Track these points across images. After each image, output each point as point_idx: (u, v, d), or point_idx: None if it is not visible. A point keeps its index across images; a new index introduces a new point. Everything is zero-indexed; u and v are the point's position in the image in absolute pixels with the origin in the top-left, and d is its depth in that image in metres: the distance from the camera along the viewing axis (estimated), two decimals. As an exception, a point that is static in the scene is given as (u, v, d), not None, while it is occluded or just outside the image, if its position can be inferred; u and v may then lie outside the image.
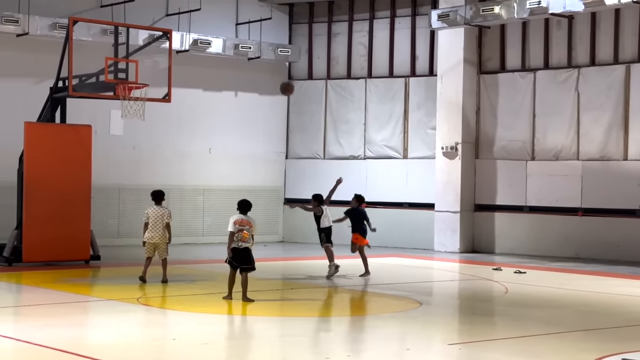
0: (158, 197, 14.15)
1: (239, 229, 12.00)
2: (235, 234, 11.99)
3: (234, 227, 12.00)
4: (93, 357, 8.59)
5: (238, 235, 11.99)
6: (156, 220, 13.90)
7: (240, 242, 12.01)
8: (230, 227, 12.02)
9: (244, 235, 12.00)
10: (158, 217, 13.92)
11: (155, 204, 14.09)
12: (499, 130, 21.24)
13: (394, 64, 22.88)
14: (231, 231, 12.01)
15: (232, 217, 12.11)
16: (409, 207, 22.22)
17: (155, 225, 13.89)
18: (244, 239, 12.01)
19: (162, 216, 13.93)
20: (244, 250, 12.07)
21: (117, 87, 16.36)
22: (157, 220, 13.90)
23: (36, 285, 13.96)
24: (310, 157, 23.71)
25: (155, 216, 13.92)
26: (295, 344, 9.64)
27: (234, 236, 12.00)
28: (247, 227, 12.04)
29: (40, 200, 16.27)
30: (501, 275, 16.20)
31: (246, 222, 12.07)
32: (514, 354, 9.20)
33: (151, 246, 13.95)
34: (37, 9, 19.35)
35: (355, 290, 14.04)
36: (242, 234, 12.00)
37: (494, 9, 19.51)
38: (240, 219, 12.08)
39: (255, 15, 22.92)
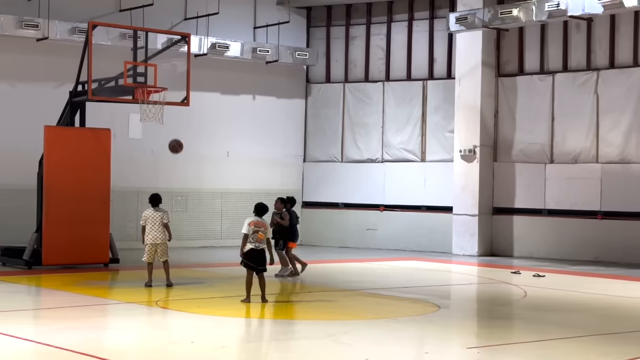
0: (155, 201, 14.17)
1: (255, 230, 12.08)
2: (249, 235, 12.07)
3: (248, 228, 12.09)
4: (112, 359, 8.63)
5: (254, 237, 12.07)
6: (154, 221, 13.96)
7: (256, 243, 12.09)
8: (245, 230, 12.11)
9: (259, 237, 12.08)
10: (156, 219, 13.96)
11: (152, 207, 14.10)
12: (518, 133, 21.16)
13: (411, 67, 22.86)
14: (245, 233, 12.10)
15: (246, 219, 12.21)
16: (427, 210, 22.18)
17: (154, 227, 13.94)
18: (259, 240, 12.09)
19: (160, 217, 13.97)
20: (261, 251, 12.17)
21: (136, 91, 16.43)
22: (154, 222, 13.95)
23: (56, 288, 14.04)
24: (328, 160, 23.72)
25: (153, 218, 13.98)
26: (313, 347, 9.64)
27: (248, 238, 12.08)
28: (262, 228, 12.14)
29: (60, 204, 16.37)
30: (520, 279, 16.14)
31: (261, 224, 12.19)
32: (533, 358, 9.16)
33: (152, 248, 13.95)
34: (57, 14, 19.47)
35: (373, 293, 14.02)
36: (257, 235, 12.08)
37: (512, 11, 19.45)
38: (255, 220, 12.19)
39: (273, 18, 22.97)
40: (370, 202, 22.93)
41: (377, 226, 22.78)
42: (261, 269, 12.24)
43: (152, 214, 14.02)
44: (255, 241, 12.10)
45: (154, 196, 14.27)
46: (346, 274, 16.92)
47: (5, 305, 11.92)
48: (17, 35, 19.08)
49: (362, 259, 19.70)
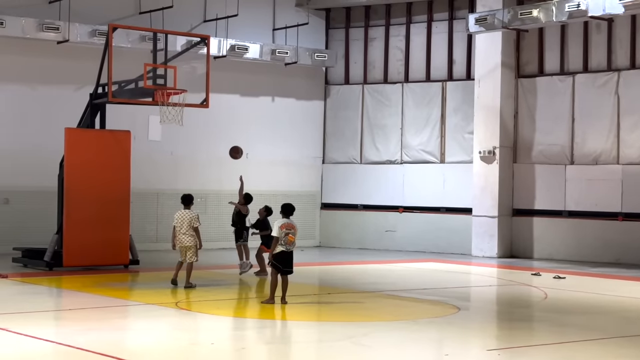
0: (186, 201, 14.24)
1: (286, 232, 12.03)
2: (280, 238, 12.01)
3: (279, 232, 12.03)
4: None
5: (285, 239, 12.01)
6: (182, 223, 13.97)
7: (287, 246, 12.06)
8: (276, 233, 12.05)
9: (290, 239, 12.03)
10: (184, 220, 13.97)
11: (184, 207, 14.16)
12: (538, 135, 21.07)
13: (430, 68, 22.82)
14: (276, 236, 12.04)
15: (277, 222, 12.14)
16: (446, 211, 22.13)
17: (181, 229, 13.97)
18: (290, 242, 12.05)
19: (189, 220, 13.96)
20: (290, 253, 12.17)
21: (155, 93, 16.49)
22: (182, 224, 13.96)
23: (76, 289, 14.12)
24: (347, 162, 23.71)
25: (181, 219, 13.99)
26: (333, 349, 9.64)
27: (279, 241, 12.02)
28: (292, 230, 12.07)
29: (80, 205, 16.45)
30: (540, 281, 16.07)
31: (291, 226, 12.12)
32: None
33: (182, 250, 14.06)
34: (77, 17, 19.59)
35: (392, 295, 14.01)
36: (288, 238, 12.03)
37: (532, 12, 19.37)
38: (286, 223, 12.12)
39: (292, 20, 23.00)
40: (389, 203, 22.90)
41: (396, 228, 22.75)
42: (287, 270, 12.20)
43: (181, 216, 14.04)
44: (285, 243, 12.04)
45: (186, 196, 14.32)
46: (365, 275, 16.91)
47: (27, 307, 12.01)
48: (38, 38, 19.21)
49: (381, 261, 19.68)
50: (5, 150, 19.36)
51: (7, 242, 18.59)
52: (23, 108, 19.71)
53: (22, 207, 19.43)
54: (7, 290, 13.74)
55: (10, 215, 19.32)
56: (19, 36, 19.00)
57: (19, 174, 19.42)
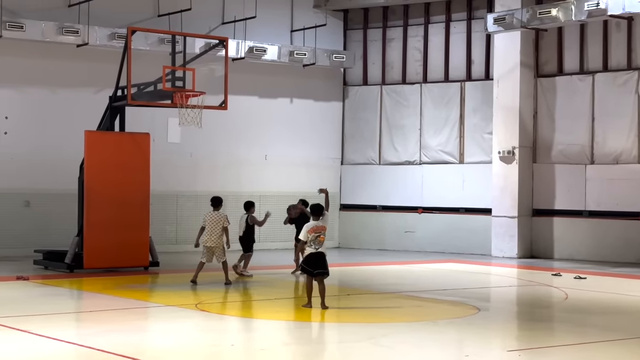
0: (216, 202, 14.66)
1: (316, 235, 11.84)
2: (310, 241, 11.82)
3: (307, 236, 11.79)
4: (153, 362, 8.71)
5: (316, 241, 11.84)
6: (213, 224, 14.34)
7: (316, 246, 11.86)
8: (303, 237, 11.83)
9: (320, 240, 11.88)
10: (215, 221, 14.40)
11: (214, 209, 14.48)
12: (557, 134, 20.97)
13: (449, 68, 22.76)
14: (303, 240, 11.86)
15: (305, 226, 11.90)
16: (466, 212, 22.07)
17: (213, 229, 14.35)
18: (320, 242, 11.88)
19: (219, 220, 14.33)
20: (320, 254, 11.90)
21: (174, 95, 16.55)
22: (214, 224, 14.35)
23: (97, 291, 14.19)
24: (366, 162, 23.69)
25: (212, 220, 14.41)
26: (353, 349, 9.63)
27: (305, 245, 11.84)
28: (323, 232, 11.94)
29: (100, 208, 16.53)
30: (561, 281, 15.99)
31: (321, 228, 11.93)
32: (575, 361, 9.08)
33: (208, 250, 14.24)
34: (97, 20, 19.70)
35: (411, 296, 13.98)
36: (319, 239, 11.86)
37: (551, 11, 19.28)
38: (314, 226, 11.89)
39: (310, 21, 23.01)
40: (409, 204, 22.86)
41: (415, 228, 22.71)
42: (319, 272, 11.92)
43: (212, 217, 14.45)
44: (315, 244, 11.82)
45: (216, 198, 14.73)
46: (385, 276, 16.89)
47: (48, 309, 12.08)
48: (57, 41, 19.33)
49: (400, 262, 19.65)
50: (26, 153, 19.50)
51: (28, 245, 18.72)
52: (43, 111, 19.84)
53: (43, 209, 19.55)
54: (29, 292, 13.82)
55: (31, 217, 19.45)
56: (39, 40, 19.13)
57: (40, 177, 19.55)
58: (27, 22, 18.87)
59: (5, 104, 19.49)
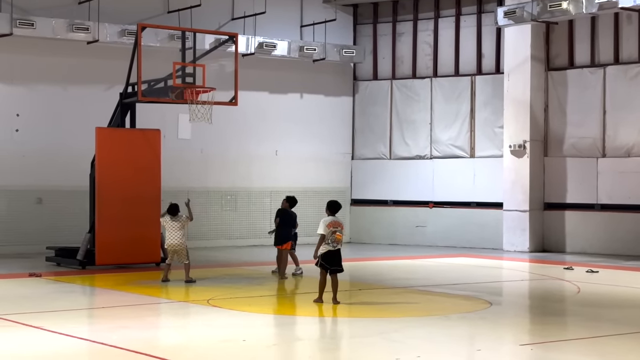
0: (173, 211, 14.59)
1: (333, 230, 11.87)
2: (327, 237, 11.83)
3: (326, 229, 11.81)
4: (165, 358, 8.73)
5: (332, 237, 11.84)
6: (172, 229, 14.42)
7: (334, 244, 11.90)
8: (322, 230, 11.82)
9: (337, 237, 11.88)
10: (174, 226, 14.43)
11: (171, 217, 14.53)
12: (569, 128, 20.90)
13: (459, 62, 22.71)
14: (322, 234, 11.85)
15: (323, 220, 11.91)
16: (477, 206, 22.03)
17: (172, 233, 14.40)
18: (337, 240, 11.89)
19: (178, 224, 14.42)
20: (337, 251, 11.95)
21: (184, 92, 16.57)
22: (172, 229, 14.42)
23: (109, 287, 14.23)
24: (376, 157, 23.67)
25: (171, 226, 14.45)
26: (365, 345, 9.63)
27: (324, 239, 11.85)
28: (339, 228, 11.91)
29: (112, 204, 16.58)
30: (573, 275, 15.95)
31: (338, 224, 11.94)
32: (587, 354, 9.05)
33: (171, 253, 14.48)
34: (107, 17, 19.73)
35: (423, 290, 13.97)
36: (335, 236, 11.86)
37: (561, 4, 19.20)
38: (332, 221, 11.92)
39: (320, 16, 22.99)
40: (419, 199, 22.84)
41: (426, 223, 22.68)
42: (335, 269, 12.00)
43: (170, 223, 14.50)
44: (333, 241, 11.87)
45: (173, 206, 14.65)
46: (396, 271, 16.88)
47: (61, 305, 12.13)
48: (68, 38, 19.38)
49: (411, 256, 19.64)
50: (37, 150, 19.56)
51: (40, 242, 18.80)
52: (54, 108, 19.90)
53: (55, 206, 19.63)
54: (41, 289, 13.88)
55: (43, 214, 19.53)
56: (50, 37, 19.18)
57: (51, 174, 19.62)
58: (38, 20, 18.92)
59: (17, 101, 19.55)
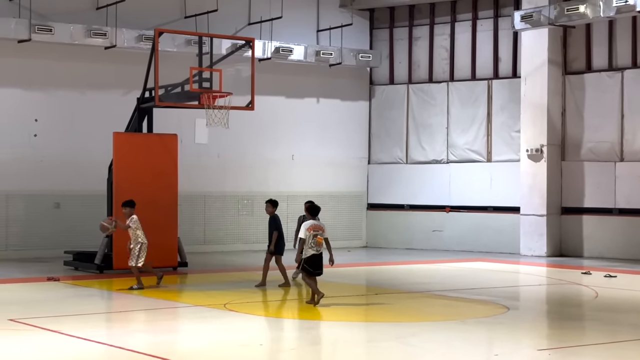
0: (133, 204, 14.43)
1: (314, 234, 12.00)
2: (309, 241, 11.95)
3: (306, 234, 11.99)
4: (183, 362, 8.75)
5: (314, 241, 11.97)
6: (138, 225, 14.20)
7: (317, 247, 12.02)
8: (303, 234, 12.02)
9: (318, 241, 12.01)
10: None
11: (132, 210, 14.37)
12: (586, 132, 20.81)
13: (476, 66, 22.67)
14: (302, 238, 12.00)
15: (304, 224, 12.10)
16: (494, 211, 21.96)
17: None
18: (319, 243, 12.03)
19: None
20: (320, 255, 12.12)
21: (201, 96, 16.63)
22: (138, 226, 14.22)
23: (126, 292, 14.27)
24: (393, 162, 23.65)
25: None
26: (381, 349, 9.62)
27: (305, 242, 11.96)
28: (320, 232, 12.05)
29: (129, 209, 16.60)
30: (590, 280, 15.87)
31: (319, 227, 12.09)
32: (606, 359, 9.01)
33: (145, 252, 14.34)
34: (124, 22, 19.83)
35: (440, 295, 13.94)
36: (317, 239, 11.99)
37: (579, 8, 19.14)
38: (313, 224, 12.08)
39: (336, 21, 23.02)
40: (436, 203, 22.80)
41: (443, 227, 22.64)
42: (318, 272, 12.18)
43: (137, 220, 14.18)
44: (315, 245, 12.00)
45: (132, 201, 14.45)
46: (412, 275, 16.85)
47: (79, 309, 12.18)
48: (86, 44, 19.49)
49: (428, 261, 19.60)
50: (55, 155, 19.67)
51: (58, 246, 18.90)
52: (72, 113, 20.01)
53: (73, 211, 19.72)
54: (59, 293, 13.95)
55: (61, 219, 19.62)
56: (68, 42, 19.31)
57: (69, 179, 19.72)
58: (56, 25, 19.04)
59: (35, 106, 19.68)
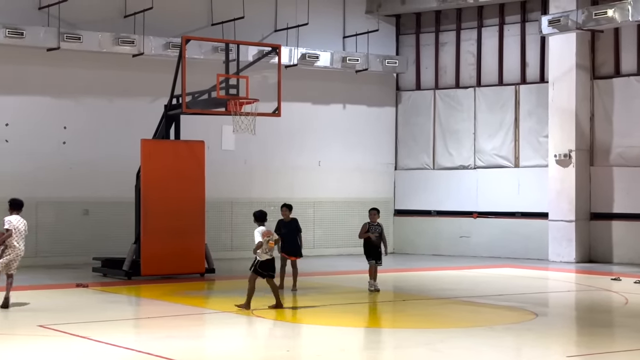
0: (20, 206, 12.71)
1: (267, 240, 12.34)
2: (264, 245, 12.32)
3: (262, 238, 12.35)
4: (210, 368, 8.77)
5: (267, 246, 12.33)
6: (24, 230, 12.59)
7: (270, 252, 12.41)
8: (259, 238, 12.35)
9: (270, 245, 12.36)
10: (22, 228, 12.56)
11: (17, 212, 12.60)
12: (615, 137, 20.64)
13: (503, 71, 22.56)
14: (260, 242, 12.33)
15: (257, 230, 12.45)
16: (522, 216, 21.83)
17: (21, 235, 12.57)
18: (271, 248, 12.40)
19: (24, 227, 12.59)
20: (272, 259, 12.52)
21: (228, 103, 16.68)
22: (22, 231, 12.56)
23: (154, 298, 14.35)
24: (420, 167, 23.58)
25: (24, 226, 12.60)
26: (408, 356, 9.59)
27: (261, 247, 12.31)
28: (271, 237, 12.42)
29: (157, 215, 16.71)
30: (620, 286, 15.71)
31: (270, 233, 12.51)
32: (637, 367, 8.91)
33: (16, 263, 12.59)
34: (151, 30, 19.96)
35: (468, 301, 13.87)
36: (269, 245, 12.35)
37: (607, 12, 19.00)
38: (266, 230, 12.49)
39: (363, 27, 23.01)
40: (463, 209, 22.70)
41: (470, 233, 22.53)
42: (270, 274, 12.52)
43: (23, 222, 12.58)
44: (269, 250, 12.38)
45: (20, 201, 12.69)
46: (440, 282, 16.79)
47: (107, 315, 12.25)
48: (114, 51, 19.64)
49: (455, 267, 19.51)
50: (84, 162, 19.82)
51: (87, 252, 19.02)
52: (100, 120, 20.16)
53: (101, 217, 19.85)
54: (88, 299, 14.04)
55: (90, 225, 19.76)
56: (96, 50, 19.47)
57: (98, 185, 19.86)
58: (84, 34, 19.21)
59: (64, 114, 19.84)
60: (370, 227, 14.55)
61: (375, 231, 14.54)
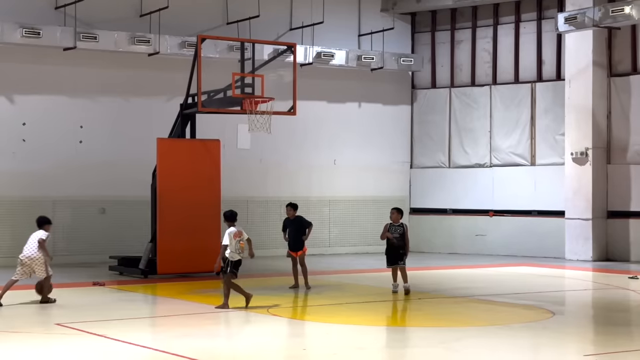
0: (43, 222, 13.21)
1: (238, 240, 12.42)
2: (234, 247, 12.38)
3: (232, 241, 12.39)
4: (227, 366, 8.78)
5: (238, 247, 12.40)
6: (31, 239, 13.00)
7: (241, 253, 12.47)
8: (226, 241, 12.39)
9: (241, 246, 12.44)
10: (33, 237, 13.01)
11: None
12: (633, 134, 20.52)
13: (519, 69, 22.47)
14: (225, 244, 12.38)
15: (228, 232, 12.46)
16: (538, 214, 21.74)
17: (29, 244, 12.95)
18: (241, 248, 12.46)
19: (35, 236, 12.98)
20: (241, 260, 12.60)
21: (244, 102, 16.70)
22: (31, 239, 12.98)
23: (171, 296, 14.39)
24: (435, 166, 23.54)
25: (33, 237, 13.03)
26: (425, 354, 9.57)
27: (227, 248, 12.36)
28: (242, 237, 12.48)
29: (173, 214, 16.76)
30: (638, 284, 15.64)
31: (241, 233, 12.54)
32: (655, 366, 8.86)
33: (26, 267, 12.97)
34: (167, 29, 20.01)
35: (484, 300, 13.83)
36: (240, 245, 12.43)
37: (624, 9, 18.89)
38: (236, 231, 12.49)
39: (378, 25, 22.99)
40: (479, 207, 22.64)
41: (486, 232, 22.47)
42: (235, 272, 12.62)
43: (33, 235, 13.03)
44: (240, 250, 12.44)
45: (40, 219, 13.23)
46: (456, 280, 16.75)
47: (124, 314, 12.30)
48: (130, 51, 19.70)
49: (471, 265, 19.47)
50: (100, 161, 19.90)
51: (103, 251, 19.12)
52: (116, 119, 20.23)
53: (118, 216, 19.93)
54: (105, 297, 14.10)
55: (107, 224, 19.84)
56: (112, 49, 19.53)
57: (114, 184, 19.93)
58: (100, 33, 19.28)
59: (80, 113, 19.93)
60: (391, 228, 14.14)
61: (396, 232, 14.10)
